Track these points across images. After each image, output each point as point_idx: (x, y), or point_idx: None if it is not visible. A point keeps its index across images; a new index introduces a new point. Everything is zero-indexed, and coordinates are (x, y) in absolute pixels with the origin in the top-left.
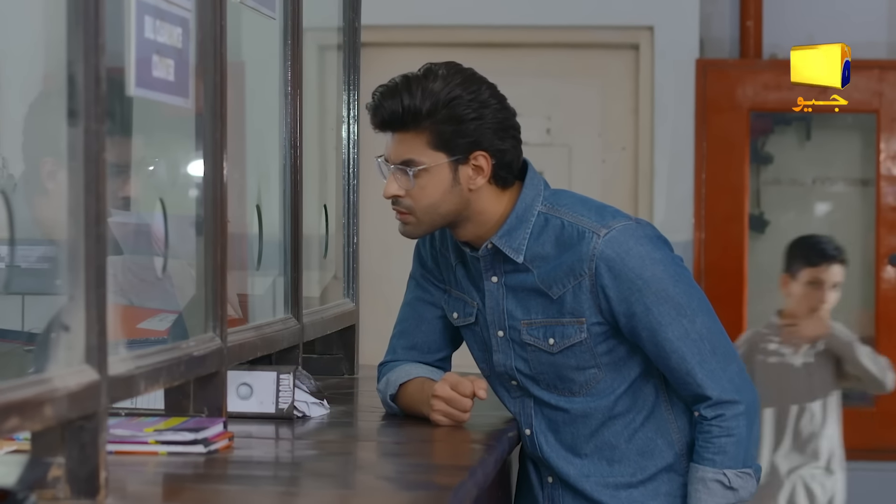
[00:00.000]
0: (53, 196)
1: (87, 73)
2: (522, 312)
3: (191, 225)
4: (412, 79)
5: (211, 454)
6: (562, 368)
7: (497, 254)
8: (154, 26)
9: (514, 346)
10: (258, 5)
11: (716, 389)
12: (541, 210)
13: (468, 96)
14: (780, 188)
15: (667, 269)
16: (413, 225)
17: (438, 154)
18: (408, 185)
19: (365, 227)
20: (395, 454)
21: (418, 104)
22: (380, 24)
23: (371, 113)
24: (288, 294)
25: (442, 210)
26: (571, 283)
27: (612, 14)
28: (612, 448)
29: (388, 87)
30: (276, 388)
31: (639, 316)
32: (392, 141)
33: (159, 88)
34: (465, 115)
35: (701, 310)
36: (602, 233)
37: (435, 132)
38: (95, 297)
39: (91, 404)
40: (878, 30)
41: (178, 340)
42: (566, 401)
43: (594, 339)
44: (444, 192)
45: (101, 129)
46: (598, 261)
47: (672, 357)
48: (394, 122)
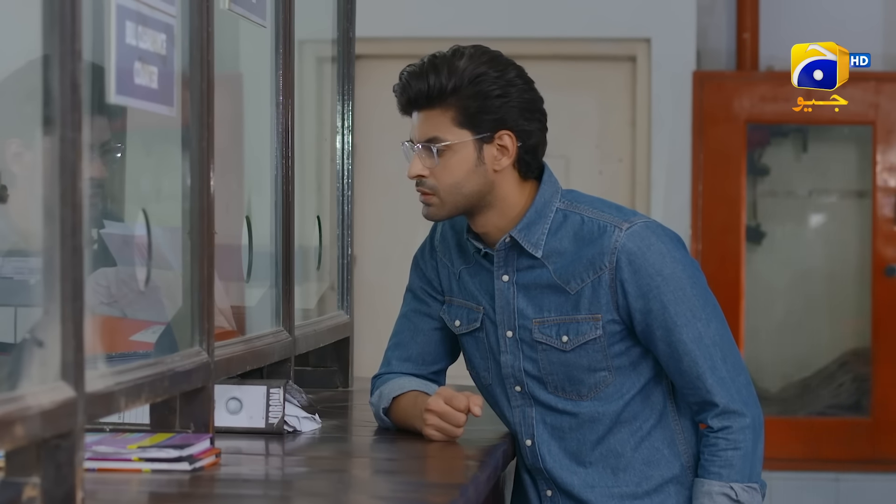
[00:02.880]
0: (20, 181)
1: (63, 80)
2: (534, 311)
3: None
4: (439, 58)
5: (196, 471)
6: (572, 368)
7: (513, 249)
8: (136, 32)
9: (524, 346)
10: (248, 13)
11: (724, 397)
12: (559, 207)
13: (494, 74)
14: (777, 200)
15: (686, 269)
16: (436, 206)
17: (463, 131)
18: (432, 163)
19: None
20: (387, 471)
21: (444, 81)
22: (377, 37)
23: (398, 94)
24: (279, 306)
25: (465, 190)
26: (591, 278)
27: (610, 26)
28: (617, 456)
29: (416, 67)
30: (265, 402)
31: (655, 313)
32: (417, 120)
33: (142, 96)
34: (491, 91)
35: (715, 316)
36: (624, 227)
37: (460, 108)
38: (72, 311)
39: (67, 422)
40: (875, 42)
41: (165, 353)
42: (573, 404)
43: (608, 337)
44: (468, 171)
45: (77, 138)
46: (619, 254)
47: (684, 359)
48: (419, 99)
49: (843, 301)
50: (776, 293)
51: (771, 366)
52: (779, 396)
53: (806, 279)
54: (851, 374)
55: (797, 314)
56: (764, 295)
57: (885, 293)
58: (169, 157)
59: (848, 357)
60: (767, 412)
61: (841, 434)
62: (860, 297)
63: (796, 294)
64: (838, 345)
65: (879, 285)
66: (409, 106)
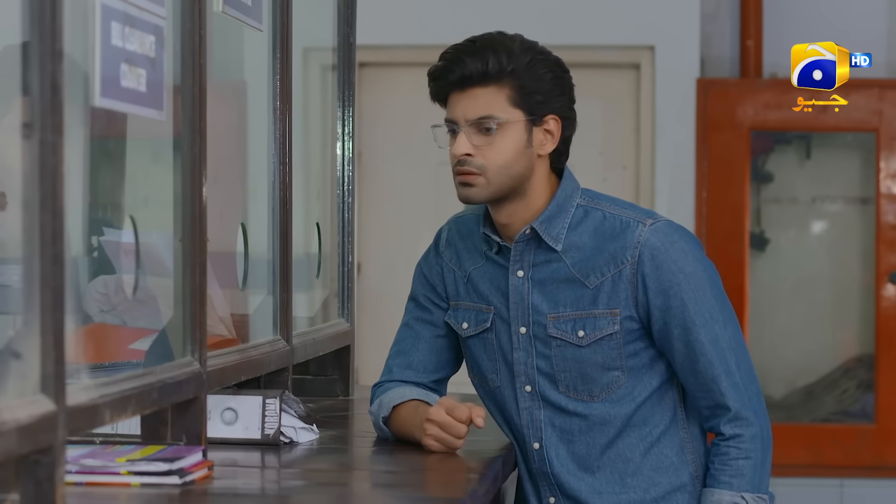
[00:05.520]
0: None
1: (43, 81)
2: (549, 306)
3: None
4: (490, 37)
5: (187, 485)
6: (586, 365)
7: (531, 242)
8: (123, 33)
9: (537, 343)
10: (243, 16)
11: (737, 401)
12: (580, 203)
13: (550, 58)
14: (781, 206)
15: (706, 270)
16: (481, 187)
17: (517, 111)
18: (482, 142)
19: (367, 245)
20: (386, 485)
21: (504, 59)
22: (381, 45)
23: (444, 71)
24: (276, 314)
25: (513, 171)
26: (611, 272)
27: (614, 34)
28: (626, 461)
29: (464, 45)
30: (261, 412)
31: (674, 311)
32: (464, 99)
33: (129, 99)
34: (545, 74)
35: (731, 321)
36: (648, 222)
37: (517, 87)
38: (52, 322)
39: (46, 437)
40: (878, 49)
41: (160, 362)
42: (584, 406)
43: (624, 335)
44: (517, 152)
45: (58, 142)
46: (642, 248)
47: (700, 360)
48: (474, 76)
49: (846, 307)
50: (780, 300)
51: (775, 372)
52: (783, 403)
53: (810, 286)
54: (855, 381)
55: (801, 321)
56: (768, 301)
57: (888, 299)
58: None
59: (852, 363)
60: (772, 418)
61: (845, 440)
62: (864, 304)
63: (800, 300)
64: (842, 351)
65: (883, 291)
66: (461, 83)
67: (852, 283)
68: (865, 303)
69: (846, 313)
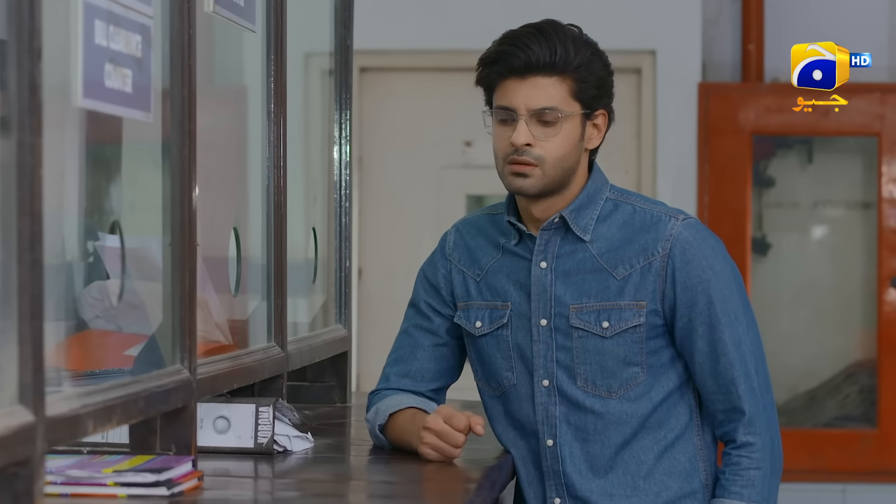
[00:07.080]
0: None
1: (21, 80)
2: (572, 297)
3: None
4: (555, 24)
5: (175, 497)
6: (608, 358)
7: (558, 231)
8: (107, 32)
9: (557, 335)
10: (235, 16)
11: (753, 406)
12: (609, 196)
13: (603, 55)
14: (782, 211)
15: (733, 272)
16: (536, 178)
17: (576, 104)
18: (541, 133)
19: (368, 251)
20: (382, 495)
21: (571, 50)
22: (382, 49)
23: (507, 55)
24: (271, 320)
25: (567, 164)
26: (641, 264)
27: (615, 38)
28: (639, 463)
29: (527, 31)
30: (254, 421)
31: (700, 308)
32: (524, 86)
33: (113, 100)
34: (601, 70)
35: (753, 326)
36: (680, 217)
37: (579, 80)
38: (30, 330)
39: (24, 449)
40: (879, 53)
41: (151, 369)
42: (601, 402)
43: (647, 330)
44: (573, 145)
45: (36, 142)
46: (675, 241)
47: (721, 360)
48: (540, 64)
49: (848, 312)
50: (782, 304)
51: (777, 377)
52: (785, 408)
53: (811, 290)
54: (858, 386)
55: (803, 325)
56: (769, 306)
57: (891, 304)
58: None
59: (854, 368)
60: None
61: (847, 445)
62: (866, 308)
63: (802, 305)
64: (844, 356)
65: (885, 296)
66: (523, 70)
67: (854, 287)
68: (868, 307)
69: (848, 318)
